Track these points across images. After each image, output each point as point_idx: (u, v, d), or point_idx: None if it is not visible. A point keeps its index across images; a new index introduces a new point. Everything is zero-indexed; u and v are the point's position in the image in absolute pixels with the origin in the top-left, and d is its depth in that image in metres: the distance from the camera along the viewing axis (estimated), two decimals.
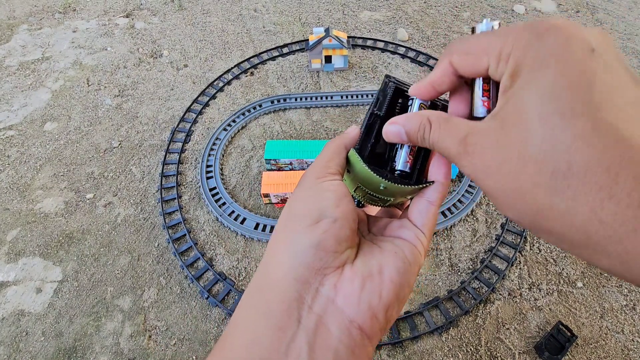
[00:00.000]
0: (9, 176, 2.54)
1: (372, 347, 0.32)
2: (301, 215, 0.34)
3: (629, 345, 1.80)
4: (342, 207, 0.34)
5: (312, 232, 0.33)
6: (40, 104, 2.96)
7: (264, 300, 0.32)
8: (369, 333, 0.32)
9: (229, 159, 2.59)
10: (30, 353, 1.85)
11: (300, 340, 0.30)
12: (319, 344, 0.30)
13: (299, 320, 0.30)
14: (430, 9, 3.68)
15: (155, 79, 3.11)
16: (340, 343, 0.30)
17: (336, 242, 0.33)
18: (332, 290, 0.32)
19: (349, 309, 0.31)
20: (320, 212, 0.34)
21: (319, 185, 0.36)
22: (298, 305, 0.31)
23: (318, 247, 0.32)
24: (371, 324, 0.32)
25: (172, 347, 1.85)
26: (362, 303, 0.31)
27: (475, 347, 1.82)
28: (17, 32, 3.59)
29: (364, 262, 0.34)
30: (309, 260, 0.32)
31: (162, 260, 2.14)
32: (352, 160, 0.40)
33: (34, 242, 2.23)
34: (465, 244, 2.16)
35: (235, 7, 3.79)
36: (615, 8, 3.65)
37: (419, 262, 0.36)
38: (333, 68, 3.06)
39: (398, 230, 0.38)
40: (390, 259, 0.35)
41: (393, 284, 0.33)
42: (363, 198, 0.42)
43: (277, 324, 0.30)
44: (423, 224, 0.38)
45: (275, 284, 0.32)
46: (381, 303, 0.32)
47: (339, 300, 0.32)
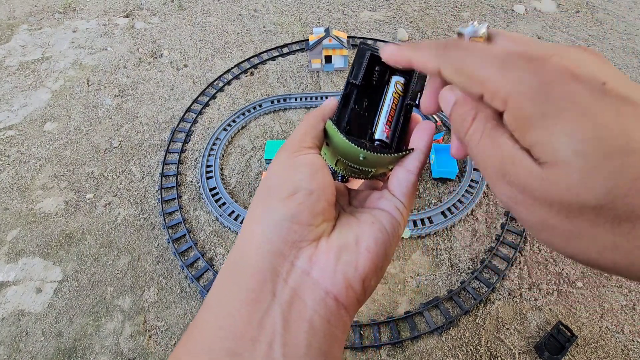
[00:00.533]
0: (9, 176, 2.54)
1: (349, 317, 0.32)
2: (276, 189, 0.34)
3: (629, 345, 1.80)
4: (318, 180, 0.34)
5: (287, 205, 0.32)
6: (40, 104, 2.96)
7: (237, 274, 0.32)
8: (345, 303, 0.31)
9: (229, 159, 2.59)
10: (30, 353, 1.85)
11: (274, 313, 0.29)
12: (293, 316, 0.30)
13: (273, 293, 0.30)
14: (430, 9, 3.68)
15: (155, 79, 3.11)
16: (315, 313, 0.30)
17: (311, 215, 0.32)
18: (307, 263, 0.32)
19: (324, 281, 0.31)
20: (295, 185, 0.33)
21: (293, 159, 0.35)
22: (272, 278, 0.31)
23: (293, 220, 0.32)
24: (347, 294, 0.31)
25: (172, 347, 1.85)
26: (337, 274, 0.31)
27: (475, 347, 1.82)
28: (17, 32, 3.59)
29: (340, 233, 0.34)
30: (283, 233, 0.32)
31: (162, 260, 2.14)
32: (330, 133, 0.39)
33: (34, 242, 2.23)
34: (465, 244, 2.16)
35: (235, 7, 3.79)
36: (615, 8, 3.65)
37: (397, 232, 0.36)
38: (333, 68, 3.06)
39: (377, 201, 0.38)
40: (367, 229, 0.34)
41: (370, 253, 0.33)
42: (344, 171, 0.41)
43: (250, 297, 0.30)
44: (402, 193, 0.37)
45: (249, 258, 0.32)
46: (357, 273, 0.32)
47: (314, 272, 0.31)
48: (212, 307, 0.31)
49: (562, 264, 2.07)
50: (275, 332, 0.29)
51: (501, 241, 2.13)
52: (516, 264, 2.07)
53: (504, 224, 2.21)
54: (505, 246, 2.13)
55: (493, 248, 2.10)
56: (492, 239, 2.17)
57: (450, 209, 2.27)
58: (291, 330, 0.29)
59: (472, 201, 2.29)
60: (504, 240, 2.14)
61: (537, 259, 2.09)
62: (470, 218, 2.26)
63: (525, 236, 2.16)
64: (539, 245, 2.14)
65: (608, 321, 1.87)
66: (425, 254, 2.13)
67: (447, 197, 2.32)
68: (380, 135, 0.40)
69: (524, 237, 2.16)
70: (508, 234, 2.17)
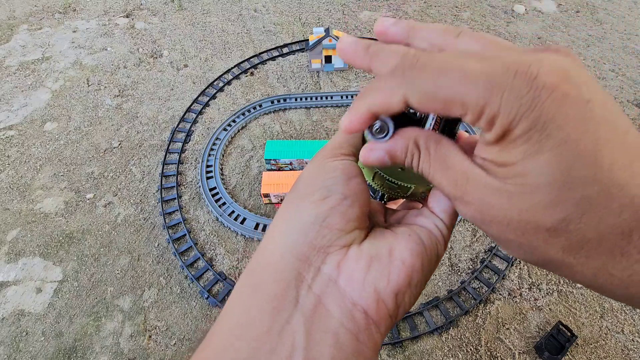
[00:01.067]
0: (9, 176, 2.54)
1: (380, 335, 0.29)
2: (306, 192, 0.32)
3: (629, 345, 1.80)
4: (352, 186, 0.31)
5: (318, 208, 0.30)
6: (40, 104, 2.96)
7: (259, 279, 0.29)
8: (375, 318, 0.28)
9: (229, 159, 2.59)
10: (30, 353, 1.85)
11: (296, 322, 0.27)
12: (316, 327, 0.27)
13: (296, 300, 0.28)
14: (430, 9, 3.68)
15: (155, 79, 3.11)
16: (342, 326, 0.27)
17: (343, 220, 0.30)
18: (334, 270, 0.29)
19: (352, 291, 0.28)
20: (328, 188, 0.31)
21: (327, 165, 0.33)
22: (297, 284, 0.28)
23: (323, 224, 0.30)
24: (377, 308, 0.28)
25: (172, 347, 1.85)
26: (367, 285, 0.28)
27: (475, 347, 1.82)
28: (17, 32, 3.59)
29: (372, 243, 0.31)
30: (311, 236, 0.29)
31: (162, 260, 2.14)
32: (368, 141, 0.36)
33: (34, 242, 2.23)
34: (465, 244, 2.16)
35: (235, 7, 3.79)
36: (615, 8, 3.65)
37: (437, 249, 0.32)
38: (333, 68, 3.06)
39: (415, 218, 0.35)
40: (402, 240, 0.31)
41: (404, 265, 0.30)
42: (382, 187, 0.38)
43: (272, 304, 0.28)
44: (442, 210, 0.34)
45: (272, 261, 0.30)
46: (389, 286, 0.29)
47: (342, 280, 0.29)
48: (232, 314, 0.29)
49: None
50: (296, 345, 0.26)
51: None
52: (516, 264, 2.07)
53: None
54: None
55: (493, 248, 2.10)
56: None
57: None
58: (314, 343, 0.26)
59: None
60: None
61: None
62: None
63: None
64: None
65: (608, 321, 1.87)
66: None
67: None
68: None
69: None
70: None
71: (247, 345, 0.26)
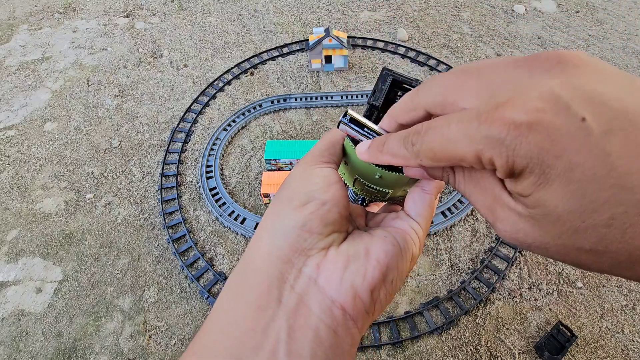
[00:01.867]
0: (9, 176, 2.54)
1: (358, 330, 0.31)
2: (288, 198, 0.34)
3: (629, 345, 1.80)
4: (331, 192, 0.34)
5: (298, 213, 0.32)
6: (40, 104, 2.96)
7: (245, 280, 0.32)
8: (352, 314, 0.31)
9: (229, 159, 2.59)
10: (30, 353, 1.85)
11: (279, 320, 0.29)
12: (299, 323, 0.29)
13: (279, 299, 0.30)
14: (430, 9, 3.68)
15: (155, 79, 3.11)
16: (321, 322, 0.29)
17: (322, 224, 0.32)
18: (314, 271, 0.31)
19: (330, 289, 0.31)
20: (308, 195, 0.33)
21: (309, 171, 0.35)
22: (279, 284, 0.30)
23: (303, 228, 0.32)
24: (354, 304, 0.31)
25: (172, 347, 1.85)
26: (344, 282, 0.31)
27: (475, 347, 1.82)
28: (17, 32, 3.59)
29: (350, 244, 0.33)
30: (292, 240, 0.32)
31: (162, 260, 2.14)
32: (348, 150, 0.39)
33: (34, 242, 2.23)
34: (465, 244, 2.16)
35: (235, 7, 3.79)
36: (615, 8, 3.65)
37: (411, 249, 0.35)
38: (333, 68, 3.06)
39: (392, 221, 0.37)
40: (378, 241, 0.34)
41: (379, 264, 0.32)
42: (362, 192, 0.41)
43: (256, 303, 0.30)
44: (417, 213, 0.36)
45: (257, 264, 0.32)
46: (365, 283, 0.31)
47: (321, 279, 0.31)
48: (220, 313, 0.31)
49: (562, 264, 2.07)
50: (280, 340, 0.28)
51: (501, 241, 2.13)
52: (516, 264, 2.07)
53: None
54: (505, 246, 2.13)
55: (493, 248, 2.10)
56: (492, 239, 2.17)
57: (450, 209, 2.27)
58: (296, 338, 0.29)
59: None
60: (504, 240, 2.14)
61: (537, 259, 2.09)
62: (470, 218, 2.26)
63: None
64: None
65: (608, 321, 1.87)
66: (425, 254, 2.13)
67: (447, 197, 2.32)
68: None
69: None
70: None
71: (234, 342, 0.28)
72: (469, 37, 3.38)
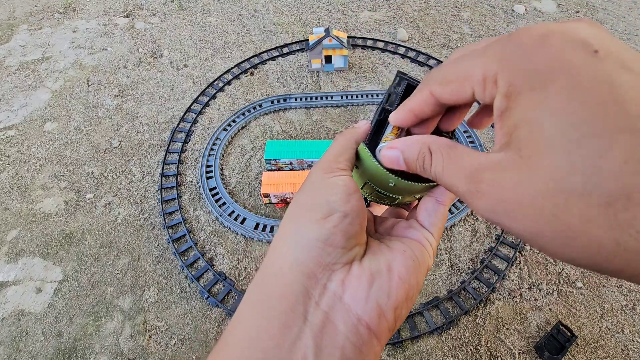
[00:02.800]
0: (9, 176, 2.54)
1: (380, 346, 0.32)
2: (309, 209, 0.33)
3: (629, 345, 1.80)
4: (352, 203, 0.33)
5: (321, 226, 0.32)
6: (40, 104, 2.96)
7: (267, 294, 0.31)
8: (376, 332, 0.31)
9: (229, 159, 2.59)
10: (30, 353, 1.85)
11: (306, 338, 0.29)
12: (325, 342, 0.29)
13: (304, 316, 0.30)
14: (430, 9, 3.68)
15: (155, 79, 3.11)
16: (347, 340, 0.29)
17: (345, 238, 0.32)
18: (339, 287, 0.31)
19: (356, 306, 0.31)
20: (329, 206, 0.33)
21: (327, 180, 0.35)
22: (304, 300, 0.30)
23: (327, 242, 0.31)
24: (379, 322, 0.31)
25: (172, 347, 1.85)
26: (370, 301, 0.31)
27: (475, 347, 1.82)
28: (17, 32, 3.59)
29: (372, 259, 0.33)
30: (315, 254, 0.31)
31: (162, 260, 2.14)
32: (361, 156, 0.39)
33: (34, 242, 2.23)
34: (465, 244, 2.16)
35: (235, 7, 3.79)
36: (615, 8, 3.65)
37: (427, 262, 0.35)
38: (333, 68, 3.06)
39: (405, 230, 0.37)
40: (399, 256, 0.34)
41: (402, 282, 0.32)
42: (370, 195, 0.41)
43: (281, 319, 0.29)
44: (431, 223, 0.37)
45: (280, 277, 0.31)
46: (390, 301, 0.31)
47: (347, 297, 0.31)
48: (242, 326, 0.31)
49: (562, 264, 2.07)
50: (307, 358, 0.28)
51: (501, 241, 2.13)
52: (516, 264, 2.07)
53: None
54: (505, 246, 2.13)
55: (493, 248, 2.10)
56: (492, 239, 2.17)
57: (451, 209, 2.27)
58: (323, 357, 0.28)
59: None
60: (504, 240, 2.14)
61: (537, 259, 2.09)
62: (470, 218, 2.26)
63: None
64: None
65: (608, 321, 1.87)
66: None
67: None
68: None
69: None
70: (508, 234, 2.17)
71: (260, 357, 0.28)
72: (469, 37, 3.38)
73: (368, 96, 2.88)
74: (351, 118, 2.77)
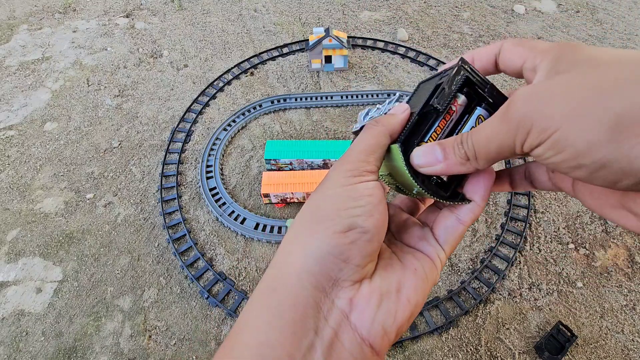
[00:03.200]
0: (9, 176, 2.54)
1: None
2: (329, 218, 0.32)
3: (629, 345, 1.80)
4: (375, 217, 0.32)
5: (338, 240, 0.31)
6: (40, 104, 2.96)
7: (278, 301, 0.31)
8: (378, 350, 0.32)
9: (229, 159, 2.59)
10: (30, 353, 1.85)
11: (317, 352, 0.29)
12: (334, 358, 0.30)
13: (315, 330, 0.30)
14: (430, 9, 3.68)
15: (155, 79, 3.11)
16: (352, 358, 0.30)
17: (361, 257, 0.31)
18: (347, 305, 0.31)
19: (362, 328, 0.31)
20: (351, 220, 0.31)
21: (354, 186, 0.33)
22: (314, 313, 0.30)
23: (340, 257, 0.31)
24: (382, 342, 0.32)
25: (172, 347, 1.85)
26: (376, 323, 0.31)
27: (475, 347, 1.82)
28: (17, 32, 3.59)
29: (383, 278, 0.33)
30: (327, 268, 0.31)
31: (162, 260, 2.14)
32: (394, 155, 0.36)
33: (34, 242, 2.23)
34: (465, 244, 2.16)
35: (235, 7, 3.79)
36: (615, 8, 3.64)
37: (434, 279, 0.36)
38: (333, 68, 3.06)
39: (419, 242, 0.37)
40: (410, 276, 0.34)
41: (410, 304, 0.33)
42: (390, 185, 0.39)
43: (291, 329, 0.29)
44: (446, 241, 0.36)
45: (291, 286, 0.31)
46: (395, 323, 0.32)
47: (354, 316, 0.31)
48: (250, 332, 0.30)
49: (562, 264, 2.07)
50: None
51: (501, 241, 2.13)
52: (516, 264, 2.07)
53: (504, 224, 2.21)
54: (505, 246, 2.13)
55: (493, 248, 2.10)
56: (492, 239, 2.17)
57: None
58: None
59: None
60: (504, 240, 2.14)
61: (537, 259, 2.09)
62: None
63: (526, 236, 2.16)
64: (539, 246, 2.14)
65: (608, 321, 1.87)
66: None
67: None
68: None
69: (524, 237, 2.16)
70: (508, 234, 2.17)
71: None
72: (469, 37, 3.38)
73: (368, 96, 2.88)
74: (351, 118, 2.77)
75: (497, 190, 0.40)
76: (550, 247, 2.13)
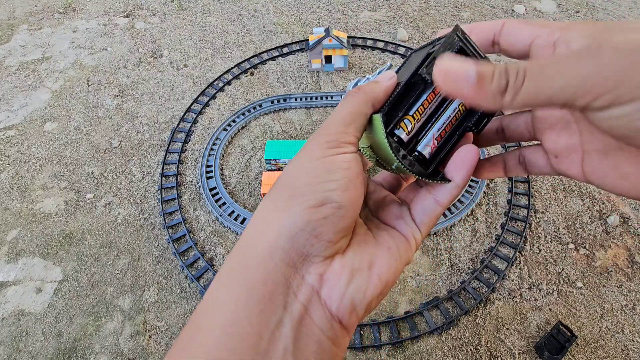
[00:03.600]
0: (9, 176, 2.54)
1: (349, 337, 0.32)
2: (302, 192, 0.31)
3: (629, 345, 1.80)
4: (350, 192, 0.31)
5: (311, 215, 0.30)
6: (40, 104, 2.96)
7: (247, 279, 0.30)
8: (347, 326, 0.32)
9: (229, 159, 2.59)
10: (30, 353, 1.85)
11: (285, 328, 0.29)
12: (303, 334, 0.29)
13: (284, 306, 0.29)
14: (430, 9, 3.68)
15: (155, 79, 3.11)
16: (323, 335, 0.30)
17: (333, 232, 0.30)
18: (317, 281, 0.31)
19: (331, 303, 0.31)
20: (325, 194, 0.30)
21: (330, 158, 0.31)
22: (284, 290, 0.29)
23: (312, 233, 0.30)
24: (350, 318, 0.31)
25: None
26: (345, 299, 0.31)
27: (475, 347, 1.82)
28: (17, 32, 3.59)
29: (355, 253, 0.32)
30: (299, 244, 0.30)
31: (162, 260, 2.14)
32: (375, 127, 0.33)
33: (34, 242, 2.23)
34: (465, 244, 2.16)
35: (235, 7, 3.79)
36: (615, 8, 3.65)
37: (408, 259, 0.35)
38: (333, 68, 3.06)
39: (396, 220, 0.36)
40: (383, 254, 0.33)
41: (381, 282, 0.32)
42: (370, 158, 0.38)
43: (260, 307, 0.28)
44: (423, 222, 0.36)
45: (261, 261, 0.30)
46: (365, 300, 0.31)
47: (324, 292, 0.31)
48: (218, 311, 0.29)
49: (562, 264, 2.07)
50: (287, 350, 0.28)
51: (501, 241, 2.13)
52: (516, 264, 2.07)
53: (504, 224, 2.21)
54: (505, 246, 2.13)
55: (493, 248, 2.10)
56: (492, 239, 2.17)
57: (450, 209, 2.27)
58: (301, 348, 0.29)
59: (472, 201, 2.29)
60: (504, 240, 2.14)
61: (537, 259, 2.09)
62: (470, 218, 2.26)
63: (526, 236, 2.16)
64: (539, 246, 2.14)
65: (608, 321, 1.87)
66: (425, 253, 2.13)
67: None
68: (423, 149, 0.35)
69: (524, 237, 2.16)
70: (508, 234, 2.17)
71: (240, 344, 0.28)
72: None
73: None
74: None
75: (491, 176, 0.38)
76: (550, 247, 2.13)
